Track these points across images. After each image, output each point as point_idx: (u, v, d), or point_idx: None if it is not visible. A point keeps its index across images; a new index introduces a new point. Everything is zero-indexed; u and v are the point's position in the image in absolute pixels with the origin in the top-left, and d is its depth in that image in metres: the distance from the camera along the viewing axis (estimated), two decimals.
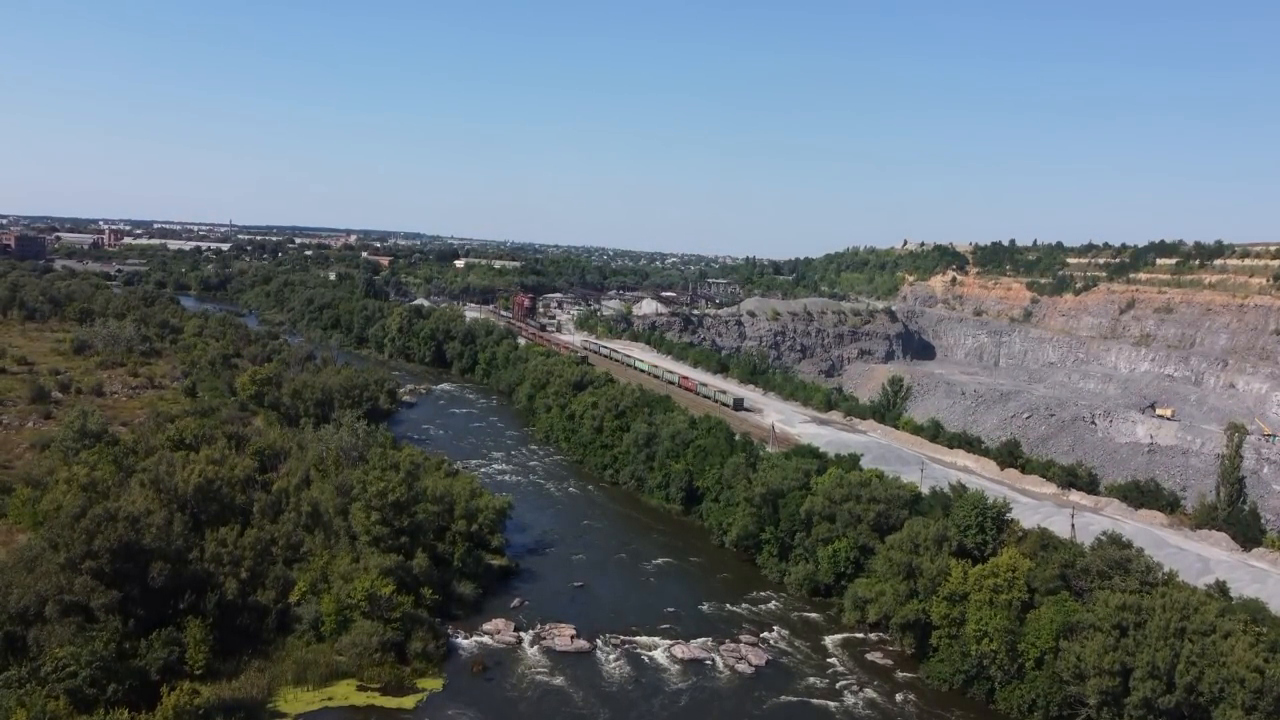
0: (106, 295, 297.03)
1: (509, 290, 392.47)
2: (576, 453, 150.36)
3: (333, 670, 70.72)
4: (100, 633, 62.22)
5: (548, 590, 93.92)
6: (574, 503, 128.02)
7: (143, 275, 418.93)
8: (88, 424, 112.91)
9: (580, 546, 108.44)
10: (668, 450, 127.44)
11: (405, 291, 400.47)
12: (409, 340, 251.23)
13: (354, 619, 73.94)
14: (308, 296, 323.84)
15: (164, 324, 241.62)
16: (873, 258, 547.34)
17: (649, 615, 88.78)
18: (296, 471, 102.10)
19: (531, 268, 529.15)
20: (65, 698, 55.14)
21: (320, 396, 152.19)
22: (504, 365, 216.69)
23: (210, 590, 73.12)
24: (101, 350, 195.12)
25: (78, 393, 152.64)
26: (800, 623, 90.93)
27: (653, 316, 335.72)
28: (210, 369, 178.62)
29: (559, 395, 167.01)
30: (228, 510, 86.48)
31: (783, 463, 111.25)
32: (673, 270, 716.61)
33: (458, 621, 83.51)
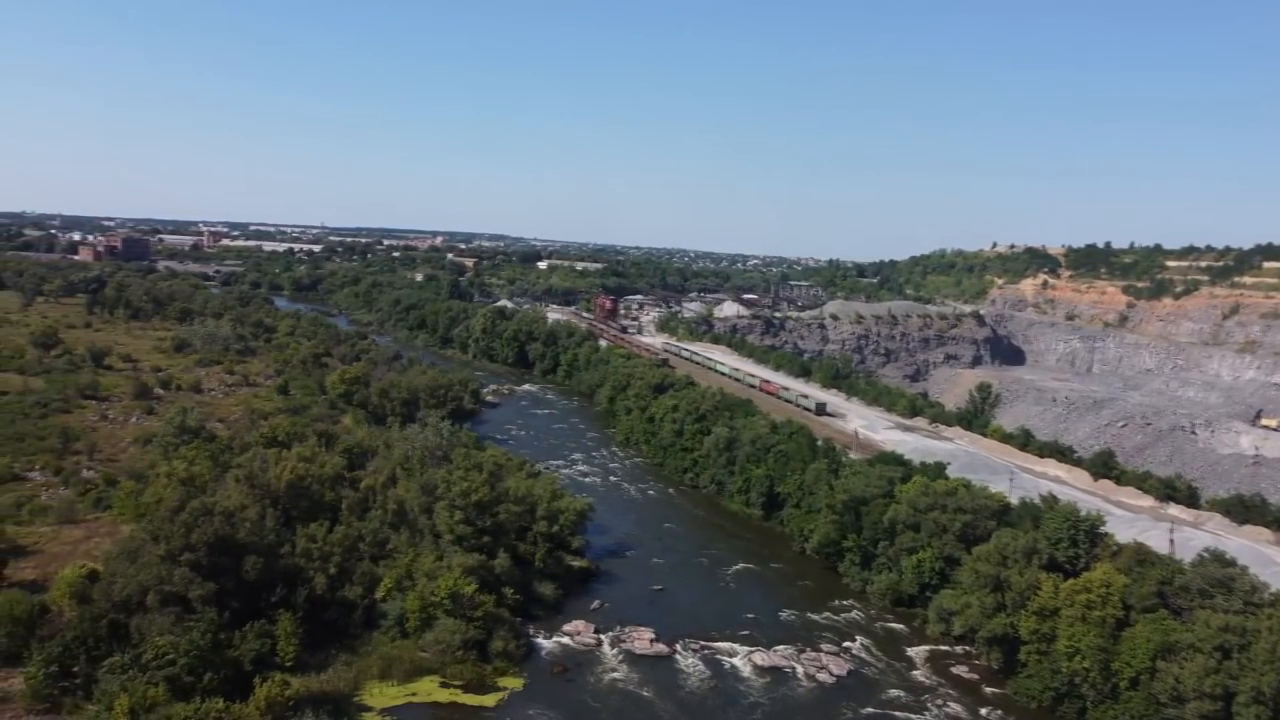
0: (205, 295, 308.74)
1: (590, 292, 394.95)
2: (656, 455, 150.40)
3: (417, 666, 71.90)
4: (197, 623, 64.38)
5: (627, 593, 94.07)
6: (654, 506, 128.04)
7: (239, 276, 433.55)
8: (187, 421, 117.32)
9: (660, 550, 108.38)
10: (749, 455, 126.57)
11: (489, 293, 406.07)
12: (492, 341, 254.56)
13: (437, 616, 75.10)
14: (395, 297, 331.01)
15: (258, 324, 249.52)
16: (960, 260, 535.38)
17: (729, 621, 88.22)
18: (383, 470, 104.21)
19: (613, 270, 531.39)
20: (164, 685, 57.07)
21: (407, 396, 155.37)
22: (585, 367, 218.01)
23: (300, 585, 75.14)
24: (200, 349, 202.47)
25: (177, 390, 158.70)
26: (883, 633, 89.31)
27: (734, 319, 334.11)
28: (302, 368, 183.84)
29: (639, 398, 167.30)
30: (317, 507, 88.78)
31: (866, 470, 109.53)
32: (754, 272, 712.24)
33: (538, 622, 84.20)
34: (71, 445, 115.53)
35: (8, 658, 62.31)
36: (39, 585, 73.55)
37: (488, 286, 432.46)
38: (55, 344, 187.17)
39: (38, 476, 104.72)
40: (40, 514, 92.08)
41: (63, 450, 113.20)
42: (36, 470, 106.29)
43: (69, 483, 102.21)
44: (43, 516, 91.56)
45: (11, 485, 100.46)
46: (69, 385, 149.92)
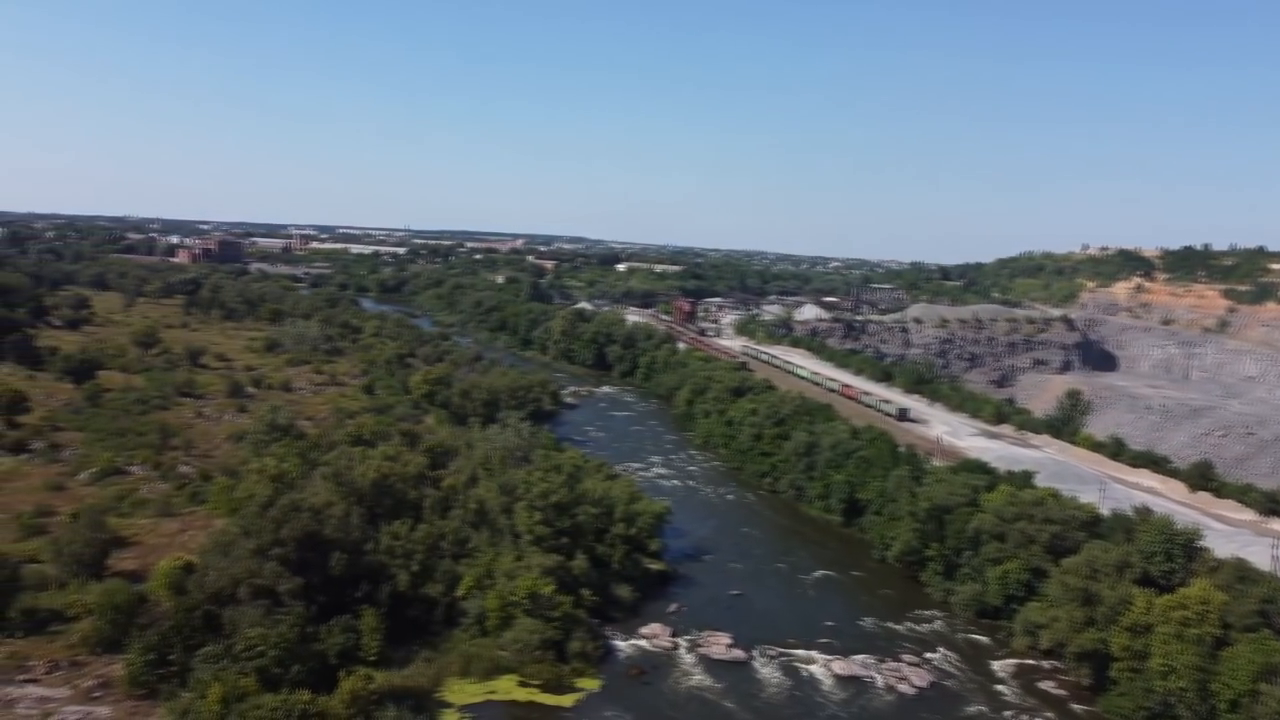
0: (295, 297, 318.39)
1: (669, 295, 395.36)
2: (735, 459, 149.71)
3: (496, 665, 72.75)
4: (286, 616, 66.17)
5: (704, 597, 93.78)
6: (731, 510, 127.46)
7: (327, 278, 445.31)
8: (277, 419, 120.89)
9: (737, 555, 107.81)
10: (828, 460, 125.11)
11: (568, 295, 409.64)
12: (572, 343, 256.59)
13: (516, 616, 75.91)
14: (476, 299, 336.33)
15: (345, 324, 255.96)
16: (1049, 263, 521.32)
17: (807, 628, 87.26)
18: (465, 470, 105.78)
19: (692, 272, 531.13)
20: (254, 675, 58.80)
21: (487, 397, 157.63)
22: (663, 369, 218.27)
23: (384, 581, 76.74)
24: (290, 349, 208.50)
25: (268, 388, 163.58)
26: (966, 645, 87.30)
27: (814, 322, 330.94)
28: (386, 368, 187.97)
29: (718, 401, 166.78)
30: (401, 505, 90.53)
31: (949, 477, 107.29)
32: (835, 275, 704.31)
33: (615, 624, 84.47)
34: (169, 441, 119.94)
35: (110, 645, 64.89)
36: (138, 575, 76.45)
37: (567, 289, 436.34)
38: (155, 343, 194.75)
39: (138, 471, 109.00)
40: (140, 507, 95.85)
41: (161, 446, 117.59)
42: (137, 465, 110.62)
43: (167, 477, 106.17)
44: (142, 509, 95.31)
45: (114, 479, 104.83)
46: (167, 383, 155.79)
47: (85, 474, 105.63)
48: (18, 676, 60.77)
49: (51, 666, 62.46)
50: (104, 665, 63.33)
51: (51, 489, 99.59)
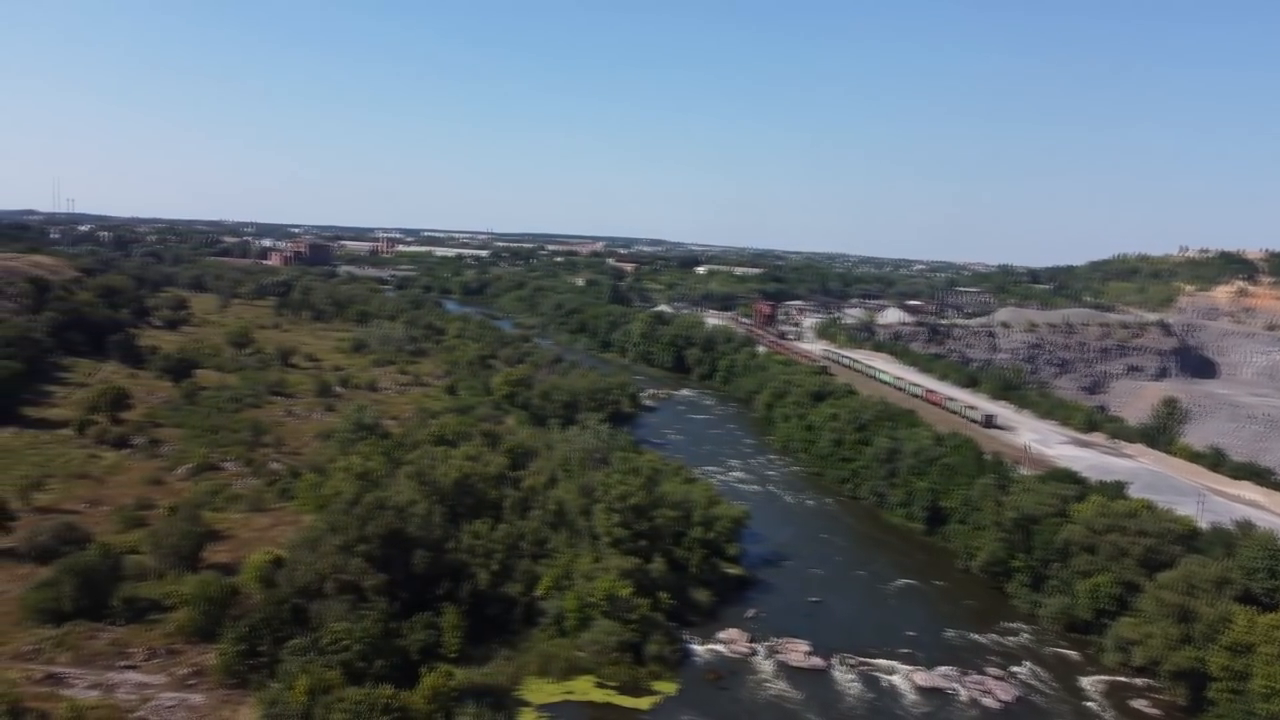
0: (381, 299, 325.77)
1: (749, 297, 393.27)
2: (815, 464, 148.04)
3: (573, 665, 73.19)
4: (370, 612, 67.66)
5: (783, 603, 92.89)
6: (811, 516, 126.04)
7: (412, 280, 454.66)
8: (363, 418, 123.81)
9: (816, 561, 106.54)
10: (911, 467, 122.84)
11: (648, 298, 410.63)
12: (651, 345, 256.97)
13: (594, 617, 76.27)
14: (557, 301, 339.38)
15: (429, 326, 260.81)
16: (1144, 265, 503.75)
17: (887, 637, 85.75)
18: (544, 471, 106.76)
19: (772, 275, 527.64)
20: (339, 669, 60.24)
21: (567, 398, 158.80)
22: (743, 373, 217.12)
23: (464, 579, 77.86)
24: (376, 349, 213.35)
25: (355, 388, 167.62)
26: (1054, 659, 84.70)
27: (897, 326, 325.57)
28: (469, 369, 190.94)
29: (798, 405, 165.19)
30: (481, 505, 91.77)
31: (1037, 486, 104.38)
32: (919, 278, 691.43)
33: (693, 628, 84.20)
34: (260, 438, 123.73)
35: (204, 634, 67.16)
36: (231, 568, 78.99)
37: (647, 291, 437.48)
38: (248, 343, 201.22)
39: (231, 467, 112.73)
40: (233, 502, 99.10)
41: (253, 443, 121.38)
42: (230, 461, 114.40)
43: (258, 474, 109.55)
44: (235, 504, 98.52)
45: (209, 474, 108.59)
46: (259, 382, 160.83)
47: (182, 469, 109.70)
48: (119, 663, 63.35)
49: (150, 654, 64.95)
50: (198, 654, 65.56)
51: (151, 483, 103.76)
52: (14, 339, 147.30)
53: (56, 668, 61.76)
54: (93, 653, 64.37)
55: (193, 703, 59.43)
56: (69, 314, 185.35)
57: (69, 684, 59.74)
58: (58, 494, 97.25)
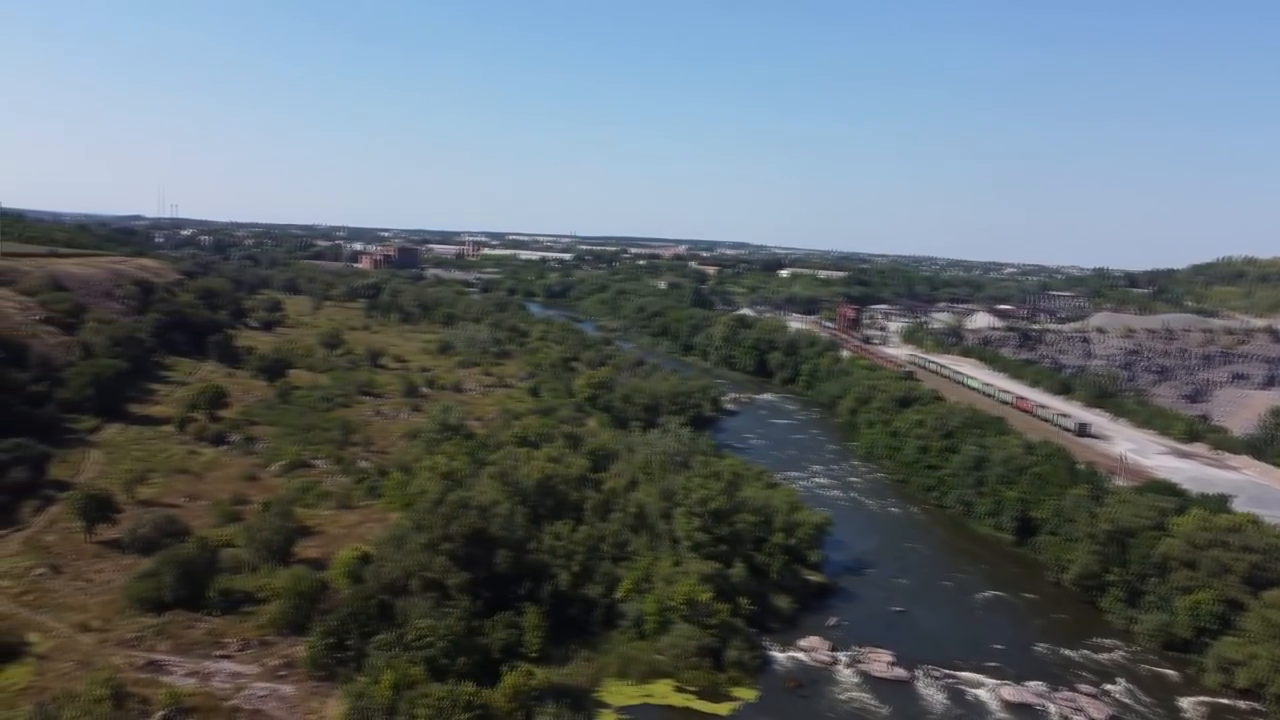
0: (466, 301, 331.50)
1: (833, 301, 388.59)
2: (899, 471, 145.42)
3: (653, 668, 73.15)
4: (453, 610, 68.73)
5: (865, 612, 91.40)
6: (895, 524, 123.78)
7: (496, 283, 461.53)
8: (448, 418, 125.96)
9: (900, 570, 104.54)
10: (1000, 475, 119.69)
11: (730, 301, 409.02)
12: (732, 349, 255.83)
13: (674, 621, 76.13)
14: (639, 304, 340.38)
15: (513, 328, 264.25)
16: (1252, 269, 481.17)
17: (974, 650, 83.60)
18: (625, 473, 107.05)
19: (857, 278, 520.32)
20: (423, 665, 61.30)
21: (649, 401, 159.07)
22: (826, 377, 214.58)
23: (545, 580, 78.49)
24: (461, 351, 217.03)
25: (441, 389, 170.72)
26: (1150, 678, 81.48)
27: (986, 331, 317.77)
28: (551, 371, 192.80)
29: (882, 411, 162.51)
30: (563, 506, 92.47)
31: (1133, 498, 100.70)
32: (1010, 282, 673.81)
33: (773, 635, 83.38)
34: (350, 437, 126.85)
35: (294, 627, 69.12)
36: (320, 563, 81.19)
37: (729, 294, 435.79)
38: (338, 344, 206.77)
39: (321, 465, 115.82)
40: (323, 499, 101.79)
41: (342, 441, 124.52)
42: (321, 459, 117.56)
43: (347, 472, 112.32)
44: (325, 501, 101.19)
45: (300, 471, 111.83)
46: (349, 382, 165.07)
47: (275, 466, 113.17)
48: (214, 652, 65.62)
49: (243, 645, 67.11)
50: (289, 646, 67.47)
51: (246, 479, 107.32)
52: (121, 339, 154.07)
53: (157, 655, 64.26)
54: (190, 642, 66.79)
55: (283, 693, 61.16)
56: (171, 315, 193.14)
57: (168, 671, 62.08)
58: (159, 488, 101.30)
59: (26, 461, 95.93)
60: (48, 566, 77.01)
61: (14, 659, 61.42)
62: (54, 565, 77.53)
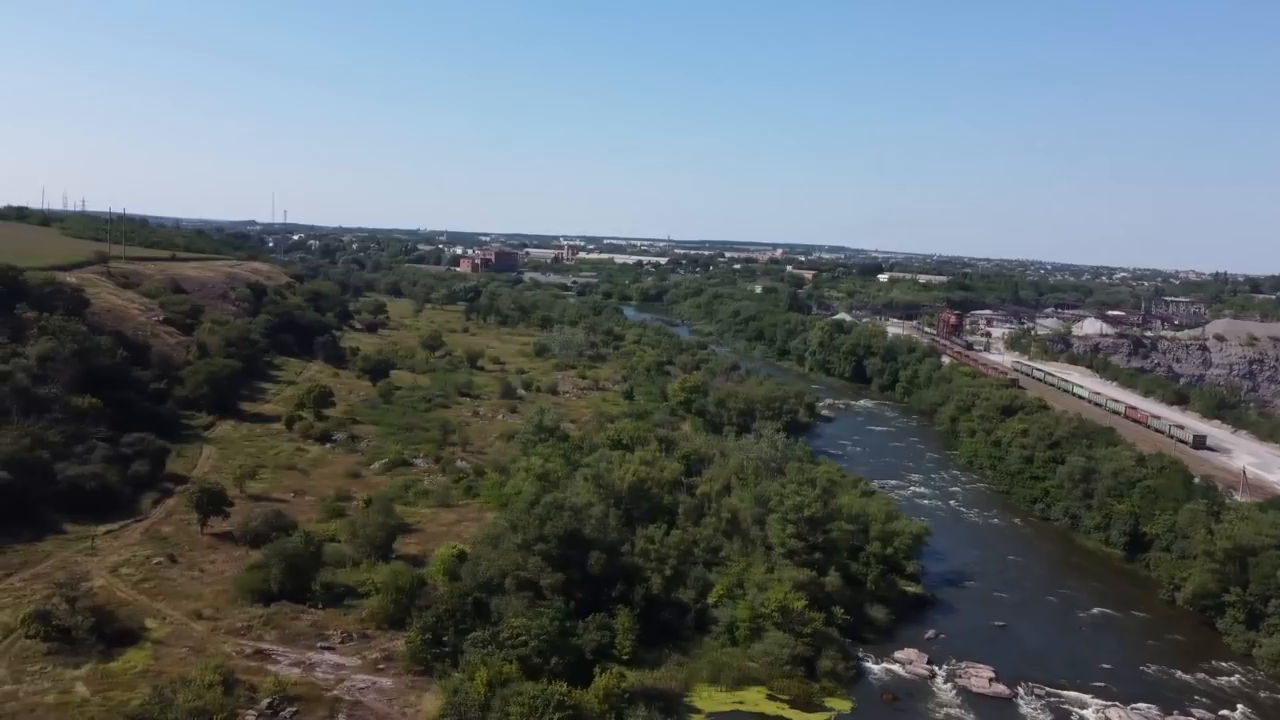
0: (563, 305, 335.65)
1: (934, 306, 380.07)
2: (1002, 482, 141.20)
3: (745, 675, 72.49)
4: (547, 610, 69.37)
5: (965, 625, 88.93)
6: (997, 536, 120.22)
7: (592, 287, 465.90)
8: (544, 420, 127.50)
9: (1002, 584, 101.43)
10: (1109, 488, 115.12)
11: (827, 306, 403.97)
12: (829, 355, 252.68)
13: (767, 628, 75.40)
14: (734, 309, 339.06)
15: (608, 332, 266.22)
16: None
17: (1080, 669, 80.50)
18: (719, 478, 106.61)
19: (959, 283, 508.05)
20: (517, 663, 62.04)
21: (743, 406, 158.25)
22: (926, 384, 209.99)
23: (638, 583, 78.55)
24: (557, 354, 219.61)
25: (537, 391, 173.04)
26: (1273, 706, 77.14)
27: (1096, 338, 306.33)
28: (646, 375, 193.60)
29: (985, 419, 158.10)
30: (656, 509, 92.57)
31: (1256, 515, 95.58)
32: (1121, 287, 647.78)
33: (868, 645, 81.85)
34: (449, 437, 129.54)
35: (394, 621, 70.81)
36: (419, 560, 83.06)
37: (826, 299, 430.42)
38: (439, 346, 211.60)
39: (421, 463, 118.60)
40: (422, 497, 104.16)
41: (442, 441, 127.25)
42: (421, 458, 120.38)
43: (445, 471, 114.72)
44: (424, 499, 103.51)
45: (401, 470, 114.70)
46: (449, 383, 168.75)
47: (377, 464, 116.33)
48: (318, 643, 67.67)
49: (345, 637, 69.05)
50: (388, 640, 69.16)
51: (350, 476, 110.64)
52: (234, 339, 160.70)
53: (264, 644, 66.62)
54: (295, 633, 69.04)
55: (382, 686, 62.69)
56: (281, 316, 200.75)
57: (274, 660, 64.29)
58: (268, 483, 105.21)
59: (147, 455, 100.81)
60: (165, 556, 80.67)
61: (133, 643, 64.47)
62: (171, 555, 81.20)
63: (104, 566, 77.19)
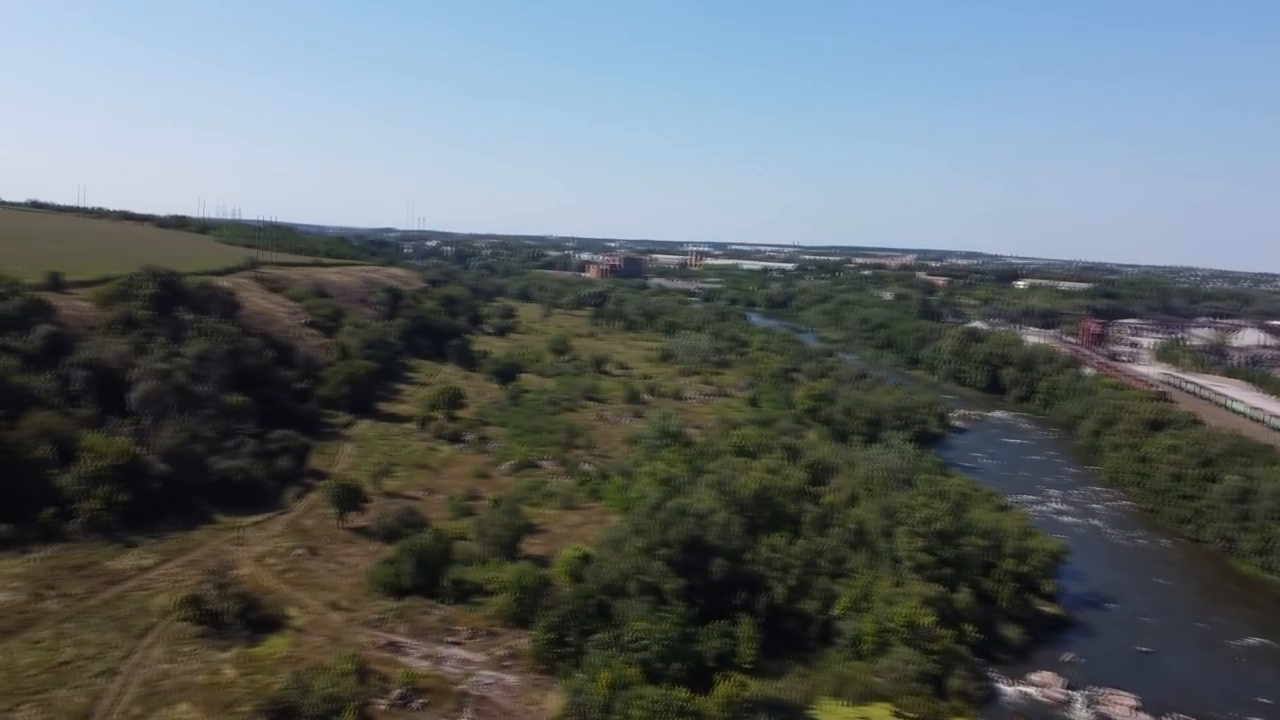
0: (688, 310, 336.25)
1: (1075, 314, 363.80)
2: (1148, 500, 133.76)
3: (869, 690, 70.84)
4: (669, 614, 69.42)
5: (1105, 650, 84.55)
6: (1142, 557, 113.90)
7: (718, 293, 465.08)
8: (668, 425, 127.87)
9: (1147, 608, 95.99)
10: (1270, 510, 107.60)
11: (960, 313, 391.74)
12: (962, 364, 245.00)
13: (893, 643, 73.47)
14: (863, 316, 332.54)
15: (733, 338, 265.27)
16: None
17: (1234, 701, 75.48)
18: (844, 488, 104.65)
19: (1102, 290, 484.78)
20: (638, 666, 62.31)
21: (871, 415, 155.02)
22: (1066, 396, 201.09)
23: (760, 592, 77.81)
24: (682, 359, 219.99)
25: (661, 396, 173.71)
26: None
27: (1255, 349, 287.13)
28: (771, 382, 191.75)
29: (1130, 434, 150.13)
30: (779, 518, 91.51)
31: None
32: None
33: (1000, 666, 78.82)
34: (575, 440, 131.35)
35: (519, 620, 72.16)
36: (544, 560, 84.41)
37: (959, 306, 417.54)
38: (566, 350, 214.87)
39: (547, 465, 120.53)
40: (548, 498, 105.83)
41: (568, 444, 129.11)
42: (547, 460, 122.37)
43: (571, 473, 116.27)
44: (550, 500, 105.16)
45: (528, 471, 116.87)
46: (575, 387, 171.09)
47: (505, 465, 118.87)
48: (446, 638, 69.58)
49: (472, 633, 70.73)
50: (513, 637, 70.49)
51: (479, 476, 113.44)
52: (373, 341, 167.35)
53: (396, 637, 68.88)
54: (425, 627, 71.15)
55: (507, 682, 63.94)
56: (416, 320, 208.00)
57: (405, 652, 66.41)
58: (402, 481, 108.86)
59: (291, 452, 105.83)
60: (306, 548, 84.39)
61: (276, 630, 67.68)
62: (311, 547, 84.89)
63: (250, 556, 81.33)
